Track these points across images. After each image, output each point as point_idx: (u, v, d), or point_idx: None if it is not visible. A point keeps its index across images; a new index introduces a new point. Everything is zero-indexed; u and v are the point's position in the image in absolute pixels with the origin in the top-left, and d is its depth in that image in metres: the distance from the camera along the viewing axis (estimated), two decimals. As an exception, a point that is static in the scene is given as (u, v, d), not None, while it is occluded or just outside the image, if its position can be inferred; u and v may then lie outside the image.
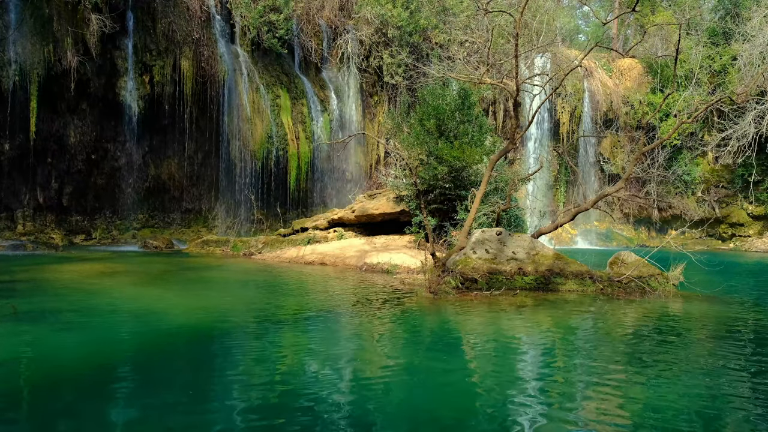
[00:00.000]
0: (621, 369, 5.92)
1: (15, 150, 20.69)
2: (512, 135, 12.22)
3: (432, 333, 7.77)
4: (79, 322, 7.69)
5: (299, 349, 6.64)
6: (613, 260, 11.87)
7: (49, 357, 6.06)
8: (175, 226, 24.58)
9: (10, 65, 19.55)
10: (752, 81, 25.81)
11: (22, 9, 19.69)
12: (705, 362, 6.26)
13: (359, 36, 26.52)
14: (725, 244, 29.08)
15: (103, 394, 4.96)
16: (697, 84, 27.58)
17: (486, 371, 5.93)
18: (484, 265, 11.21)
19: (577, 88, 29.67)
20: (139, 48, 22.01)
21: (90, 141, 22.28)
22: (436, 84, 20.23)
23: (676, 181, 28.87)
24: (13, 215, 21.37)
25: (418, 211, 15.56)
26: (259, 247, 18.83)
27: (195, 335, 7.23)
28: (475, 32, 27.05)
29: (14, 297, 9.30)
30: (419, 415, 4.64)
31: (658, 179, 27.44)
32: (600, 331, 8.04)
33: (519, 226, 16.42)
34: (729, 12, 29.26)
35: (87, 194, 22.83)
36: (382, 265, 14.46)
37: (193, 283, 12.29)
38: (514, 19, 12.97)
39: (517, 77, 11.17)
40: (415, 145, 17.08)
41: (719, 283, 12.56)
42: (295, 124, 25.03)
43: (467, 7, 27.49)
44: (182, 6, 22.55)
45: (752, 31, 26.15)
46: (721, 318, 9.00)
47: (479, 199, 11.53)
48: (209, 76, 23.01)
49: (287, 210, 24.81)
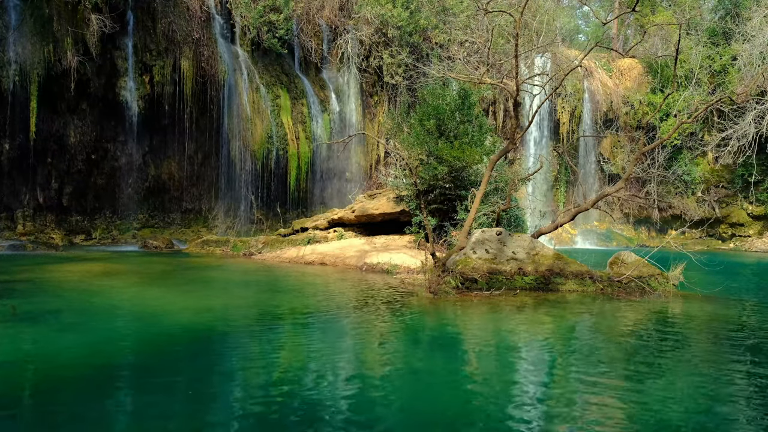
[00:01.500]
0: (621, 369, 5.92)
1: (15, 150, 20.69)
2: (512, 135, 12.23)
3: (432, 333, 7.77)
4: (79, 322, 7.69)
5: (299, 349, 6.64)
6: (613, 260, 11.88)
7: (49, 357, 6.06)
8: (175, 226, 24.58)
9: (10, 65, 19.55)
10: (752, 81, 25.82)
11: (22, 9, 19.69)
12: (705, 362, 6.26)
13: (359, 36, 26.52)
14: (725, 244, 29.08)
15: (103, 395, 4.96)
16: (697, 84, 27.57)
17: (486, 371, 5.93)
18: (484, 265, 11.21)
19: (577, 88, 29.67)
20: (139, 48, 22.01)
21: (90, 141, 22.28)
22: (436, 84, 20.23)
23: (676, 181, 28.86)
24: (13, 215, 21.37)
25: (418, 211, 15.56)
26: (259, 247, 18.83)
27: (195, 335, 7.23)
28: (475, 32, 27.04)
29: (14, 297, 9.29)
30: (419, 415, 4.64)
31: (658, 179, 27.43)
32: (600, 331, 8.05)
33: (519, 226, 16.43)
34: (729, 12, 29.25)
35: (87, 194, 22.82)
36: (382, 265, 14.46)
37: (193, 283, 12.29)
38: (514, 19, 12.97)
39: (517, 77, 11.17)
40: (415, 145, 17.08)
41: (719, 283, 12.56)
42: (295, 124, 25.03)
43: (467, 7, 27.49)
44: (182, 6, 22.55)
45: (752, 31, 26.15)
46: (721, 318, 9.00)
47: (479, 199, 11.53)
48: (209, 76, 23.01)
49: (287, 210, 24.82)
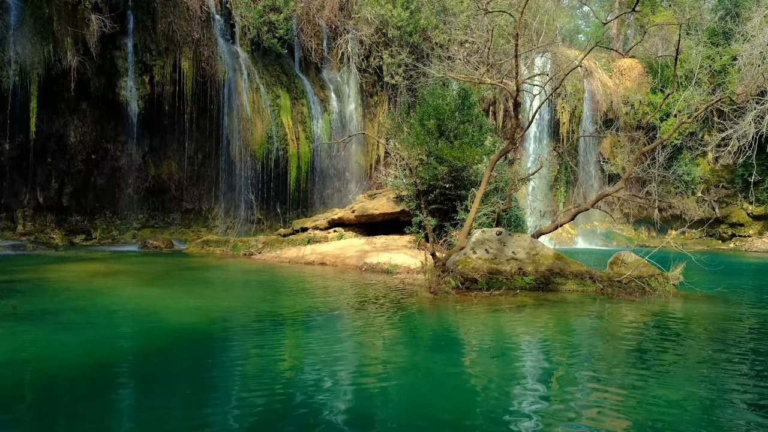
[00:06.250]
0: (621, 369, 5.92)
1: (15, 150, 20.68)
2: (512, 135, 12.23)
3: (432, 333, 7.77)
4: (79, 322, 7.69)
5: (299, 349, 6.64)
6: (613, 260, 11.87)
7: (49, 357, 6.06)
8: (175, 226, 24.57)
9: (10, 65, 19.54)
10: (752, 81, 25.82)
11: (22, 9, 19.69)
12: (705, 362, 6.26)
13: (359, 36, 26.52)
14: (725, 244, 29.07)
15: (103, 394, 4.96)
16: (697, 84, 27.58)
17: (486, 371, 5.92)
18: (484, 265, 11.21)
19: (577, 88, 29.66)
20: (139, 48, 22.00)
21: (90, 141, 22.28)
22: (436, 84, 20.23)
23: (676, 181, 28.85)
24: (13, 215, 21.36)
25: (418, 211, 15.55)
26: (259, 247, 18.82)
27: (195, 335, 7.23)
28: (475, 32, 27.04)
29: (14, 297, 9.29)
30: (419, 415, 4.64)
31: (658, 179, 27.41)
32: (600, 331, 8.05)
33: (519, 226, 16.42)
34: (729, 12, 29.25)
35: (87, 194, 22.82)
36: (382, 265, 14.46)
37: (193, 283, 12.28)
38: (514, 19, 12.97)
39: (517, 77, 11.17)
40: (415, 145, 17.08)
41: (719, 283, 12.56)
42: (295, 124, 25.03)
43: (467, 7, 27.49)
44: (182, 6, 22.54)
45: (752, 31, 26.15)
46: (721, 318, 9.00)
47: (479, 199, 11.53)
48: (209, 76, 23.00)
49: (287, 210, 24.81)
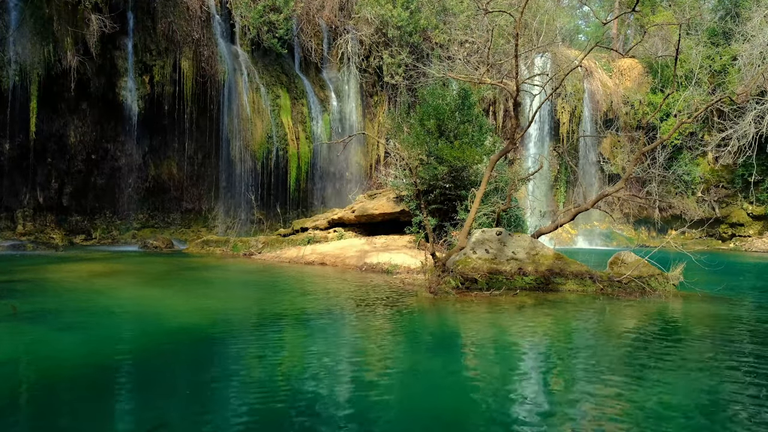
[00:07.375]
0: (621, 369, 5.92)
1: (15, 150, 20.69)
2: (512, 135, 12.23)
3: (432, 333, 7.77)
4: (79, 322, 7.69)
5: (299, 349, 6.64)
6: (613, 260, 11.87)
7: (49, 357, 6.05)
8: (175, 226, 24.58)
9: (10, 65, 19.54)
10: (752, 81, 25.82)
11: (22, 9, 19.69)
12: (705, 362, 6.26)
13: (359, 36, 26.52)
14: (725, 244, 29.07)
15: (103, 395, 4.96)
16: (697, 84, 27.58)
17: (486, 371, 5.92)
18: (484, 265, 11.21)
19: (577, 88, 29.66)
20: (139, 48, 22.01)
21: (90, 141, 22.29)
22: (436, 84, 20.23)
23: (676, 181, 28.86)
24: (13, 215, 21.36)
25: (418, 211, 15.55)
26: (259, 247, 18.82)
27: (195, 335, 7.23)
28: (475, 32, 27.05)
29: (14, 297, 9.29)
30: (419, 416, 4.64)
31: (658, 179, 27.42)
32: (600, 331, 8.04)
33: (519, 226, 16.42)
34: (729, 12, 29.26)
35: (87, 194, 22.82)
36: (382, 265, 14.45)
37: (193, 283, 12.28)
38: (514, 19, 12.97)
39: (517, 77, 11.17)
40: (415, 145, 17.08)
41: (719, 283, 12.56)
42: (295, 124, 25.03)
43: (467, 7, 27.50)
44: (182, 6, 22.55)
45: (752, 31, 26.15)
46: (721, 318, 9.00)
47: (479, 199, 11.52)
48: (209, 76, 23.01)
49: (287, 210, 24.82)
